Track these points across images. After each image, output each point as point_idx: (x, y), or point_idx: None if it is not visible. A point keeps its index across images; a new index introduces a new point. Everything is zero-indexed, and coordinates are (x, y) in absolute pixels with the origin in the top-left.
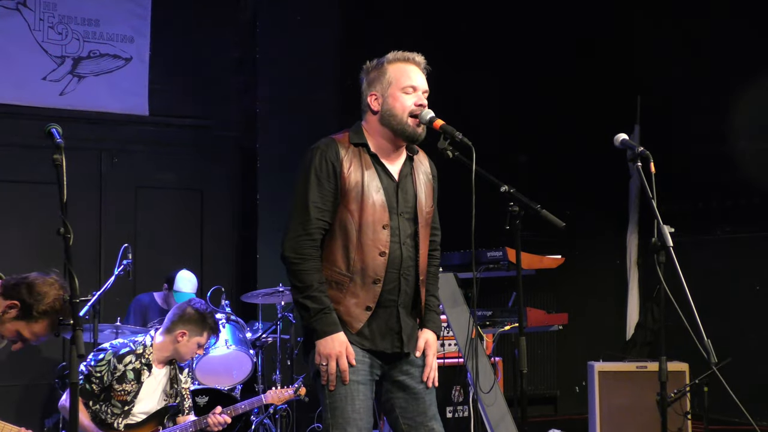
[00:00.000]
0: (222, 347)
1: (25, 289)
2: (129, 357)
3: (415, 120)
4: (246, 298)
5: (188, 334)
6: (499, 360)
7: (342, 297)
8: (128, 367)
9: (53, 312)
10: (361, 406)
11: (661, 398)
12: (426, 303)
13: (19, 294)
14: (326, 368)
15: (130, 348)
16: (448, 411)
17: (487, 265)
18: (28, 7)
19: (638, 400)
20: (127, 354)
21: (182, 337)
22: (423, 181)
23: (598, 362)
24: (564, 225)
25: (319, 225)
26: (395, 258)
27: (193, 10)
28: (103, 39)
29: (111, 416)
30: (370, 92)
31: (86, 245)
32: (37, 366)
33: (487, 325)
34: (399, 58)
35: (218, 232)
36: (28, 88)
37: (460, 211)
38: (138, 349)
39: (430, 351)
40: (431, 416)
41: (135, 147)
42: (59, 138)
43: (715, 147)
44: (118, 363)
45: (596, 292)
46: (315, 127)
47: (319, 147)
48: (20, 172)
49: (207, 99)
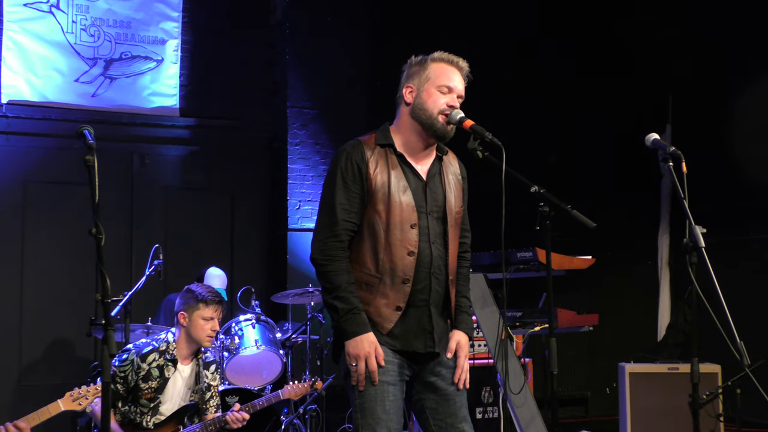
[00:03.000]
0: (252, 347)
1: None
2: (152, 355)
3: (445, 118)
4: (276, 299)
5: (186, 313)
6: (529, 361)
7: (372, 298)
8: (152, 365)
9: None
10: (390, 407)
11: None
12: (457, 304)
13: None
14: (356, 368)
15: (153, 346)
16: (478, 412)
17: (517, 266)
18: (61, 9)
19: (670, 402)
20: (151, 352)
21: (184, 319)
22: (452, 182)
23: (629, 363)
24: (594, 225)
25: (347, 227)
26: (425, 257)
27: (223, 12)
28: (135, 41)
29: (140, 415)
30: (407, 84)
31: (117, 245)
32: (70, 365)
33: (517, 326)
34: (443, 59)
35: (248, 232)
36: (61, 90)
37: (490, 211)
38: (161, 346)
39: (462, 353)
40: (462, 418)
41: (166, 148)
42: (91, 139)
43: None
44: (141, 362)
45: (627, 292)
46: (344, 127)
47: (345, 149)
48: (53, 173)
49: (237, 100)
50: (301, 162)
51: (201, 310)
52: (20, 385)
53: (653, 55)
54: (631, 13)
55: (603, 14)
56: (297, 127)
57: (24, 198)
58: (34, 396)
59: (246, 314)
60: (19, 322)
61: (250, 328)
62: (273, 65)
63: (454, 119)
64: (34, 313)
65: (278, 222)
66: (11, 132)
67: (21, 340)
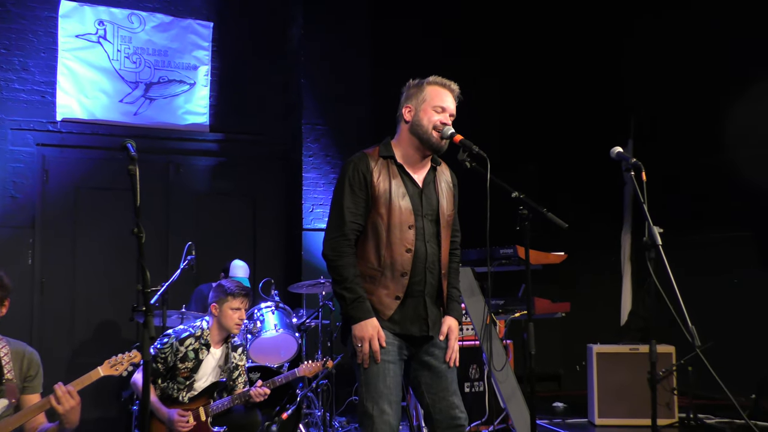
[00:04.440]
0: (272, 331)
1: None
2: (189, 340)
3: (438, 133)
4: (292, 289)
5: (218, 304)
6: (510, 343)
7: (375, 288)
8: (188, 348)
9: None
10: (391, 382)
11: (651, 376)
12: (448, 294)
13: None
14: (361, 349)
15: (189, 332)
16: (466, 386)
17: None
18: (107, 40)
19: (631, 378)
20: (188, 337)
21: (215, 310)
22: (444, 189)
23: (597, 345)
24: (566, 226)
25: (353, 227)
26: (421, 254)
27: (246, 42)
28: (171, 67)
29: (177, 391)
30: (406, 105)
31: (155, 243)
32: (114, 346)
33: (500, 312)
34: (437, 82)
35: (268, 231)
36: (108, 109)
37: (477, 213)
38: (197, 332)
39: (453, 335)
40: (452, 392)
41: (197, 159)
42: (133, 151)
43: (700, 158)
44: (180, 346)
45: (595, 284)
46: (351, 141)
47: (352, 161)
48: (101, 181)
49: (258, 118)
50: (313, 171)
51: (230, 302)
52: (72, 363)
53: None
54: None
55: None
56: (310, 141)
57: (75, 202)
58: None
59: (266, 302)
60: (71, 309)
61: (270, 314)
62: (289, 88)
63: (446, 134)
64: (84, 301)
65: (294, 223)
66: (65, 145)
67: (73, 325)
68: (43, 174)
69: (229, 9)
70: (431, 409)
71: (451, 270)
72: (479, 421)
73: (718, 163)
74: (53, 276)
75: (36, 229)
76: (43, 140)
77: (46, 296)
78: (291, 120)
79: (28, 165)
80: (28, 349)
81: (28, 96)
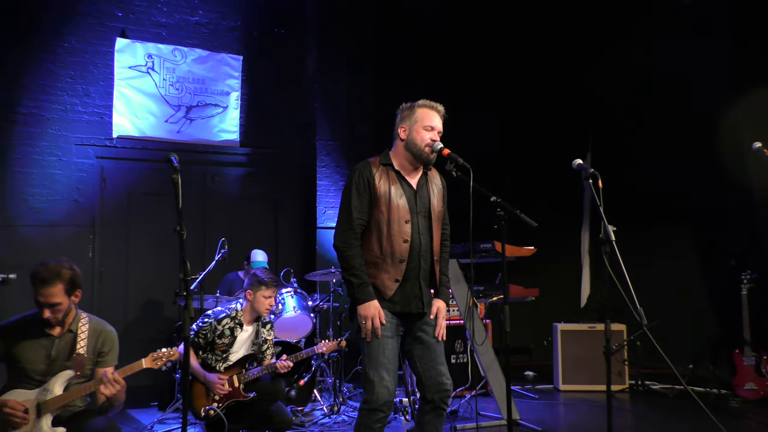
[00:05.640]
0: (291, 312)
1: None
2: (225, 320)
3: (429, 148)
4: (308, 277)
5: (252, 291)
6: (489, 322)
7: (378, 273)
8: (225, 327)
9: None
10: (389, 354)
11: (606, 350)
12: (439, 279)
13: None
14: (365, 325)
15: (226, 313)
16: (452, 358)
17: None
18: (155, 71)
19: (590, 351)
20: (224, 318)
21: (250, 296)
22: (435, 190)
23: (561, 323)
24: (536, 225)
25: (359, 223)
26: (416, 244)
27: (271, 72)
28: (208, 93)
29: (215, 362)
30: (401, 125)
31: (194, 239)
32: (161, 324)
33: (480, 296)
34: (426, 105)
35: (288, 229)
36: (155, 128)
37: (462, 214)
38: (232, 313)
39: (441, 315)
40: (440, 362)
41: (229, 169)
42: (176, 163)
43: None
44: (217, 325)
45: (559, 273)
46: (356, 154)
47: (358, 168)
48: (149, 187)
49: (280, 135)
50: (326, 179)
51: (263, 291)
52: (125, 339)
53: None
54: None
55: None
56: (323, 155)
57: (128, 205)
58: (135, 346)
59: (287, 288)
60: (125, 293)
61: (290, 297)
62: (305, 110)
63: (436, 148)
64: (135, 287)
65: (309, 222)
66: (120, 158)
67: (126, 307)
68: (102, 182)
69: (256, 45)
70: (422, 377)
71: (442, 259)
72: (463, 386)
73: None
74: (110, 267)
75: (96, 228)
76: (101, 154)
77: (104, 284)
78: (307, 137)
79: (90, 174)
80: (106, 327)
81: (89, 117)
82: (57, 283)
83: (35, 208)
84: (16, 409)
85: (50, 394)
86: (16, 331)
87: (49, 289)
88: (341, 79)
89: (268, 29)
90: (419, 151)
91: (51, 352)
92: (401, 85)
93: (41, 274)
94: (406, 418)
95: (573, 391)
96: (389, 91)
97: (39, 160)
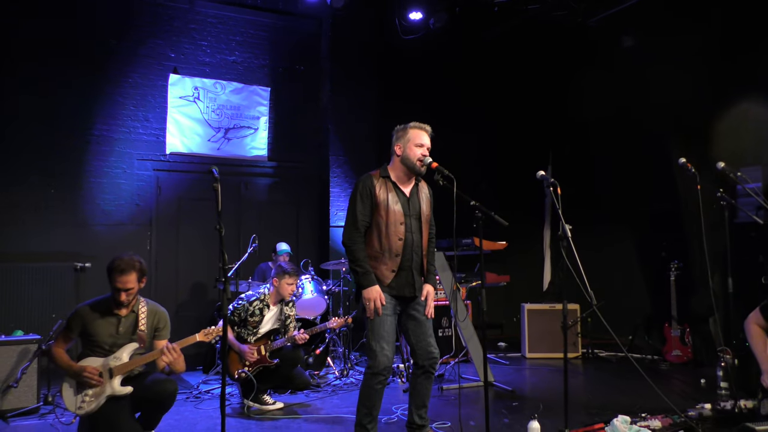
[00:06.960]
0: (309, 294)
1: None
2: (256, 302)
3: (421, 162)
4: (323, 266)
5: (278, 278)
6: (469, 303)
7: (378, 265)
8: (255, 307)
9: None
10: (388, 328)
11: (563, 325)
12: (427, 268)
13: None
14: (368, 306)
15: (256, 296)
16: (439, 332)
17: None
18: (200, 100)
19: (550, 326)
20: (254, 300)
21: (276, 282)
22: (424, 198)
23: (527, 304)
24: (507, 224)
25: (363, 224)
26: (409, 242)
27: (293, 100)
28: (242, 118)
29: (247, 335)
30: (396, 144)
31: (231, 235)
32: (205, 304)
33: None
34: (417, 126)
35: (307, 227)
36: (200, 146)
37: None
38: (261, 296)
39: (430, 297)
40: (429, 335)
41: (259, 179)
42: (217, 174)
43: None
44: (249, 306)
45: (525, 263)
46: (362, 167)
47: (362, 179)
48: (195, 194)
49: (300, 151)
50: (337, 187)
51: (286, 279)
52: (176, 315)
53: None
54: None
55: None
56: (335, 167)
57: (178, 208)
58: (185, 322)
59: (306, 275)
60: (176, 279)
61: (308, 283)
62: (321, 131)
63: (426, 162)
64: (185, 274)
65: (324, 222)
66: (172, 170)
67: (177, 290)
68: (158, 189)
69: (281, 79)
70: (415, 347)
71: (429, 252)
72: (448, 355)
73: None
74: (164, 258)
75: (152, 226)
76: (157, 167)
77: (160, 272)
78: (322, 153)
79: (148, 183)
80: (160, 308)
81: (147, 137)
82: (132, 273)
83: (105, 210)
84: (92, 373)
85: (119, 361)
86: (93, 312)
87: (126, 277)
88: (349, 106)
89: (290, 66)
90: (413, 165)
91: (119, 329)
92: (399, 110)
93: (119, 265)
94: (402, 380)
95: (537, 359)
96: (389, 115)
97: (108, 172)
